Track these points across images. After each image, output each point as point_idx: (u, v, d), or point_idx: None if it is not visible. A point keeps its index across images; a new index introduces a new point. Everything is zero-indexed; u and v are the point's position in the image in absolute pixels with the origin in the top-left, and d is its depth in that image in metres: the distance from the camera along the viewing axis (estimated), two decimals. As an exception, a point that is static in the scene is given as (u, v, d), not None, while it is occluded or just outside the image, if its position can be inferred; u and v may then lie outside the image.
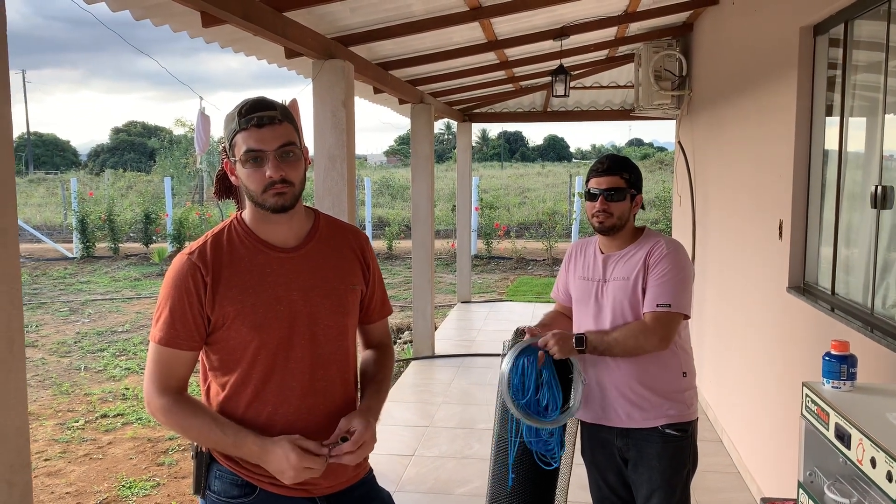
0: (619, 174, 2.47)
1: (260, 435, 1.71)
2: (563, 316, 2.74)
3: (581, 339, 2.43)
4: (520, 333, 2.56)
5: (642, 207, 2.57)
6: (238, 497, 1.78)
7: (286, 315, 1.78)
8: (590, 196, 2.50)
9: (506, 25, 5.07)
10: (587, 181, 2.53)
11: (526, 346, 2.49)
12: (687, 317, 2.44)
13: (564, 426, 2.58)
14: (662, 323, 2.38)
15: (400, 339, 8.19)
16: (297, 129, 1.79)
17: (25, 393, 1.83)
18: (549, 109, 9.32)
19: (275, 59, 4.14)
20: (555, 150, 58.10)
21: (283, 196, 1.74)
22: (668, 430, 2.44)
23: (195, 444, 1.81)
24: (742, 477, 4.22)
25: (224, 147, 1.80)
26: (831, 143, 3.23)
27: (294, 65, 4.28)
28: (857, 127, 3.02)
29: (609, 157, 2.55)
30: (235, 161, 1.75)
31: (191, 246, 1.81)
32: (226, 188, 1.96)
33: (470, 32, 5.00)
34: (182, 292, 1.74)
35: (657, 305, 2.38)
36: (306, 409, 1.80)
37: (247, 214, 1.84)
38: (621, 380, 2.47)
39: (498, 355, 2.60)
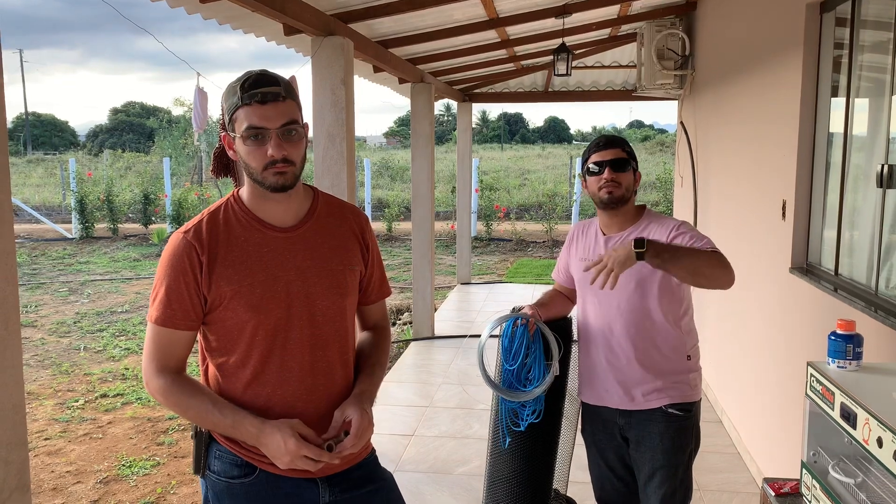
0: (620, 147, 2.47)
1: (258, 417, 1.69)
2: (561, 296, 2.73)
3: (641, 241, 2.14)
4: (516, 311, 2.55)
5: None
6: (238, 477, 1.77)
7: (283, 295, 1.75)
8: (591, 172, 2.47)
9: (507, 2, 5.01)
10: (586, 159, 2.50)
11: (518, 317, 2.48)
12: None
13: (549, 397, 2.56)
14: (723, 256, 2.23)
15: (399, 320, 8.18)
16: (299, 106, 1.75)
17: (21, 370, 1.81)
18: (549, 89, 9.25)
19: (273, 36, 4.09)
20: (555, 132, 57.90)
21: (284, 175, 1.70)
22: (671, 410, 2.43)
23: (194, 424, 1.79)
24: (742, 457, 4.23)
25: (223, 120, 1.76)
26: (836, 123, 3.19)
27: (293, 42, 4.23)
28: (863, 108, 2.98)
29: (606, 134, 2.56)
30: (235, 136, 1.71)
31: (187, 224, 1.77)
32: (224, 166, 1.92)
33: (471, 9, 4.94)
34: (178, 272, 1.71)
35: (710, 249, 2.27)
36: (306, 390, 1.77)
37: (244, 192, 1.80)
38: (624, 362, 2.45)
39: (497, 336, 2.58)
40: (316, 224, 1.84)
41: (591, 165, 2.47)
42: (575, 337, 2.64)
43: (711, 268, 2.18)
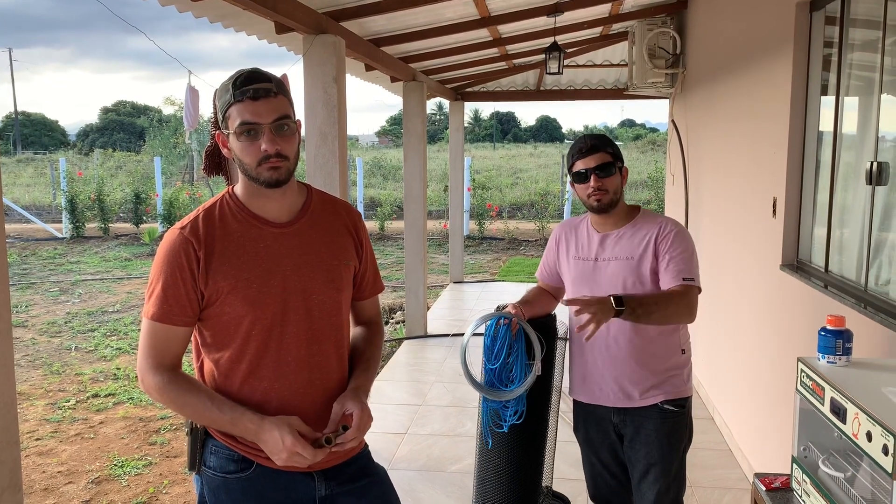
0: (604, 150, 2.43)
1: (257, 413, 1.70)
2: (546, 294, 2.72)
3: (619, 298, 2.23)
4: (500, 310, 2.55)
5: None
6: (234, 472, 1.77)
7: (280, 290, 1.76)
8: (579, 177, 2.45)
9: (499, 1, 5.02)
10: (571, 164, 2.47)
11: (501, 315, 2.47)
12: (701, 290, 2.43)
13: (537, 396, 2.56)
14: (691, 296, 2.35)
15: (392, 318, 8.18)
16: (291, 103, 1.76)
17: (12, 370, 1.80)
18: (541, 88, 9.26)
19: (265, 34, 4.08)
20: (547, 131, 58.01)
21: (278, 170, 1.71)
22: (666, 406, 2.44)
23: (189, 420, 1.79)
24: (733, 454, 4.25)
25: (216, 119, 1.76)
26: (826, 121, 3.21)
27: (284, 41, 4.23)
28: (853, 107, 3.00)
29: (589, 136, 2.50)
30: (229, 134, 1.72)
31: (182, 220, 1.78)
32: (216, 164, 1.93)
33: (463, 8, 4.94)
34: (175, 267, 1.71)
35: (683, 279, 2.34)
36: (302, 384, 1.78)
37: (239, 189, 1.81)
38: (620, 359, 2.45)
39: (481, 335, 2.58)
40: (310, 219, 1.85)
41: (576, 170, 2.46)
42: (561, 334, 2.64)
43: (678, 316, 2.35)
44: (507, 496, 2.60)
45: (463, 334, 6.68)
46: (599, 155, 2.42)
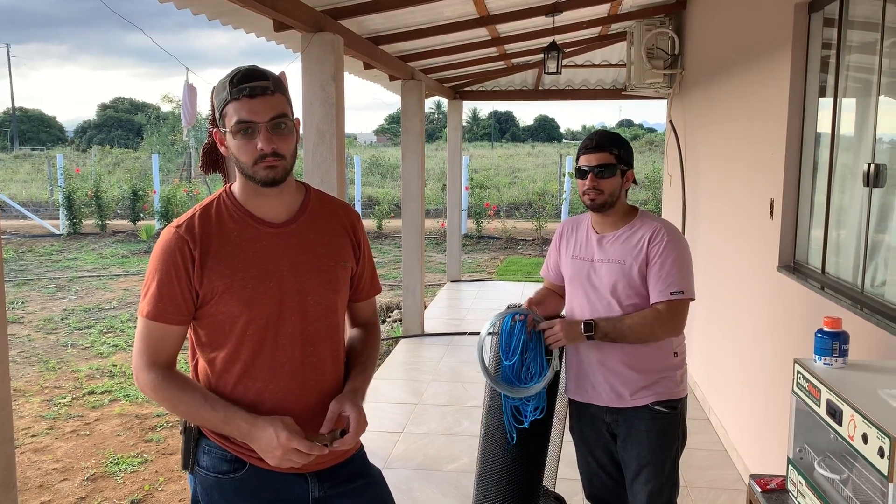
0: (608, 150, 2.43)
1: (250, 413, 1.69)
2: (554, 294, 2.73)
3: (590, 324, 2.40)
4: (513, 308, 2.56)
5: (634, 182, 2.54)
6: (227, 472, 1.77)
7: (276, 290, 1.75)
8: (580, 173, 2.46)
9: (498, 0, 5.01)
10: (577, 158, 2.49)
11: (517, 312, 2.48)
12: (693, 300, 2.44)
13: (546, 395, 2.56)
14: (677, 311, 2.38)
15: (389, 317, 8.18)
16: (288, 101, 1.75)
17: (7, 366, 1.80)
18: (540, 88, 9.26)
19: (263, 32, 4.07)
20: (545, 131, 58.04)
21: (275, 169, 1.70)
22: (657, 407, 2.45)
23: (184, 419, 1.79)
24: (729, 455, 4.25)
25: (213, 117, 1.76)
26: (824, 123, 3.21)
27: (283, 38, 4.22)
28: (850, 108, 3.00)
29: (598, 133, 2.50)
30: (226, 132, 1.71)
31: (179, 219, 1.77)
32: (213, 161, 1.93)
33: (462, 7, 4.94)
34: (170, 266, 1.70)
35: (671, 294, 2.36)
36: (296, 385, 1.78)
37: (236, 188, 1.80)
38: (612, 360, 2.46)
39: (490, 334, 2.58)
40: (308, 219, 1.84)
41: (580, 165, 2.47)
42: None
43: (656, 336, 2.41)
44: (507, 496, 2.61)
45: (471, 333, 6.65)
46: (602, 154, 2.42)
